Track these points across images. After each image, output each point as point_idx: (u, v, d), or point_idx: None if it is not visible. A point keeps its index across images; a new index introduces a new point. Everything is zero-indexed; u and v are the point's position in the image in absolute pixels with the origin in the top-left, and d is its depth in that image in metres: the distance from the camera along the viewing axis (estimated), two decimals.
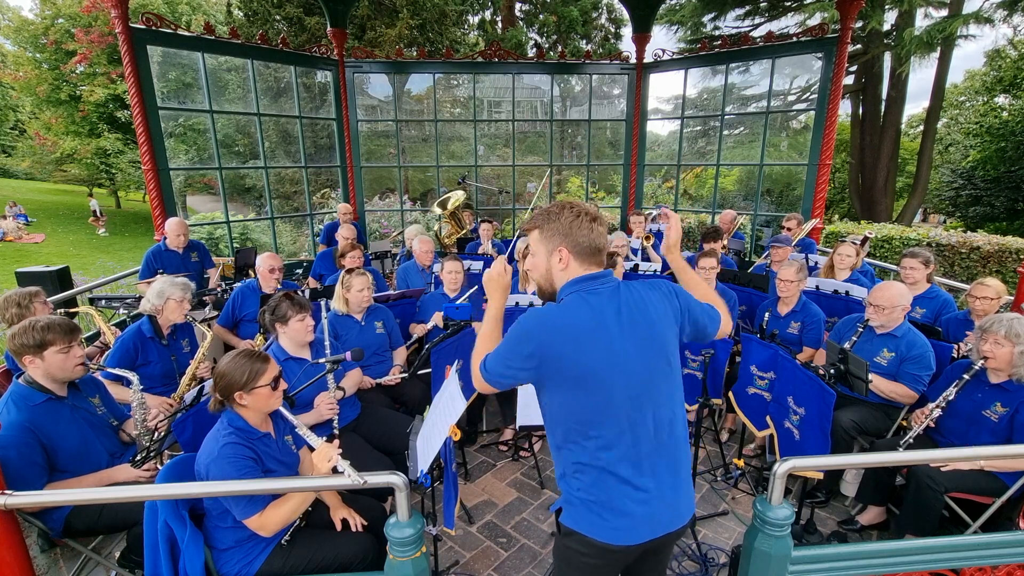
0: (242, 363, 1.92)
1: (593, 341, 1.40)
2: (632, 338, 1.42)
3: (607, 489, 1.43)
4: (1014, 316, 2.47)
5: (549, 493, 3.28)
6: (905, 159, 21.06)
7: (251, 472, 1.85)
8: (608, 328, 1.41)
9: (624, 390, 1.41)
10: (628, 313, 1.45)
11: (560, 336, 1.40)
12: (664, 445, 1.46)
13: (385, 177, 15.09)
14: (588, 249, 1.48)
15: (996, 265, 7.97)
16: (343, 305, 3.39)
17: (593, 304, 1.44)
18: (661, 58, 7.17)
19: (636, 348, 1.42)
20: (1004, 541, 1.96)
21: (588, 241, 1.47)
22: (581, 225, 1.48)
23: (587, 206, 1.51)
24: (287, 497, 1.88)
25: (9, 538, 1.81)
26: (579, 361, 1.39)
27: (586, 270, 1.50)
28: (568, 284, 1.50)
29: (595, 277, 1.49)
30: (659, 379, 1.45)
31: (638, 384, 1.42)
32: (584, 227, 1.47)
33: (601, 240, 1.49)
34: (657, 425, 1.45)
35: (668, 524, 1.47)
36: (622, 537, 1.44)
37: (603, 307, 1.44)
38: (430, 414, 2.18)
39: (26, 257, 14.72)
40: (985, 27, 11.63)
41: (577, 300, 1.46)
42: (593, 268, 1.50)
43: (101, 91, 18.24)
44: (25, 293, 3.00)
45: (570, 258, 1.49)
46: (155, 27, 5.15)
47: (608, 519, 1.44)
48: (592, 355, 1.39)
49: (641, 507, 1.43)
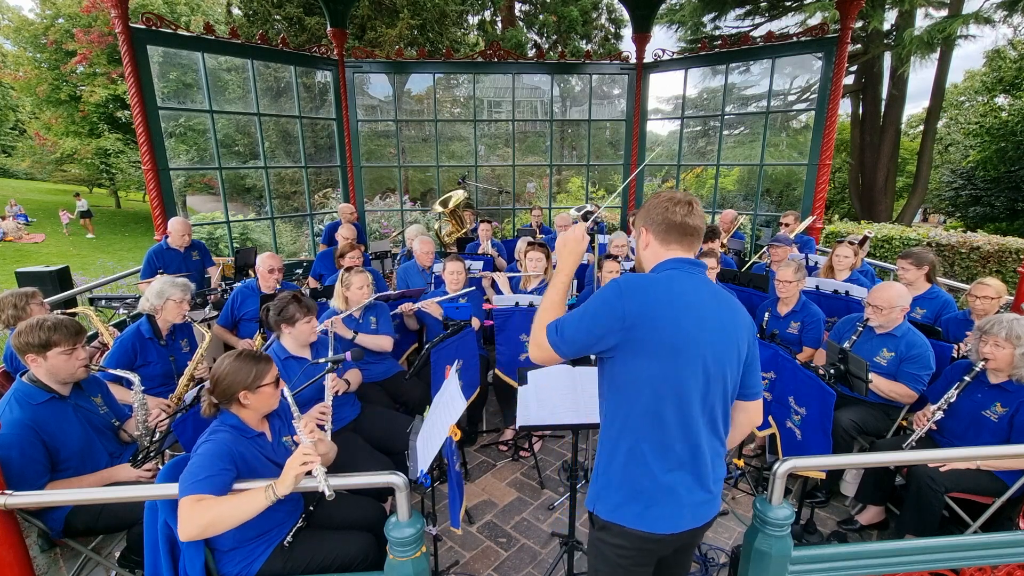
0: (247, 363, 1.93)
1: (690, 313, 1.40)
2: (720, 327, 1.43)
3: (661, 475, 1.43)
4: (1014, 317, 2.47)
5: (549, 493, 3.28)
6: (905, 159, 21.06)
7: (222, 466, 1.75)
8: (705, 306, 1.42)
9: (704, 373, 1.41)
10: (718, 304, 1.46)
11: (660, 300, 1.40)
12: (717, 437, 1.49)
13: (385, 177, 15.09)
14: (667, 227, 1.49)
15: (996, 265, 7.96)
16: (343, 303, 3.40)
17: (695, 281, 1.46)
18: (661, 58, 7.18)
19: (721, 337, 1.43)
20: (1004, 541, 1.96)
21: (663, 219, 1.48)
22: (659, 206, 1.50)
23: (678, 193, 1.52)
24: (238, 498, 1.72)
25: (9, 538, 1.81)
26: (678, 329, 1.38)
27: (673, 252, 1.51)
28: (665, 262, 1.51)
29: (694, 263, 1.51)
30: (728, 375, 1.46)
31: (716, 373, 1.42)
32: (662, 208, 1.49)
33: (690, 221, 1.48)
34: (714, 417, 1.47)
35: (706, 514, 1.50)
36: (668, 525, 1.44)
37: (702, 287, 1.46)
38: (430, 414, 2.18)
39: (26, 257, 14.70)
40: (985, 27, 11.63)
41: (677, 275, 1.46)
42: (680, 250, 1.51)
43: (101, 91, 18.23)
44: (21, 294, 2.99)
45: (651, 238, 1.53)
46: (155, 27, 5.15)
47: (654, 507, 1.43)
48: (688, 326, 1.38)
49: (689, 494, 1.45)
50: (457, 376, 2.17)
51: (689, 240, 1.51)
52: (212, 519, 1.65)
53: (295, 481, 1.70)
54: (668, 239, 1.50)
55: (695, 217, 1.50)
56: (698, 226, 1.51)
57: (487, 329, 4.08)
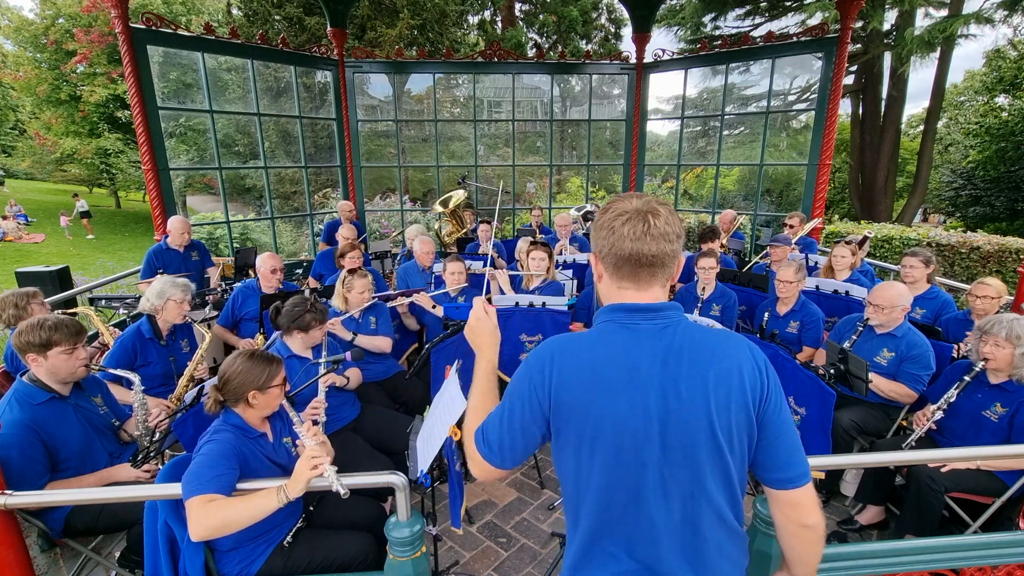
0: (259, 364, 1.95)
1: (614, 391, 1.05)
2: (676, 395, 1.04)
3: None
4: (1014, 317, 2.47)
5: (549, 493, 3.28)
6: (905, 159, 21.06)
7: (229, 465, 1.76)
8: (640, 378, 1.05)
9: (648, 467, 1.06)
10: (677, 364, 1.05)
11: (575, 374, 1.08)
12: (693, 546, 1.09)
13: (385, 177, 15.10)
14: (616, 259, 1.09)
15: (996, 265, 7.96)
16: (343, 304, 3.41)
17: (627, 341, 1.08)
18: (661, 58, 7.18)
19: (679, 410, 1.04)
20: (1004, 541, 1.96)
21: (610, 247, 1.08)
22: (605, 224, 1.09)
23: (632, 200, 1.10)
24: (250, 499, 1.72)
25: (9, 538, 1.81)
26: (592, 413, 1.06)
27: (624, 293, 1.12)
28: (603, 310, 1.15)
29: (636, 309, 1.09)
30: (700, 465, 1.06)
31: (669, 463, 1.06)
32: (607, 227, 1.09)
33: (643, 247, 1.06)
34: (687, 522, 1.08)
35: None
36: None
37: (641, 347, 1.07)
38: (430, 414, 2.18)
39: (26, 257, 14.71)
40: (985, 27, 11.63)
41: (610, 331, 1.11)
42: (630, 289, 1.11)
43: (101, 91, 18.23)
44: (22, 293, 3.00)
45: (602, 270, 1.14)
46: (155, 27, 5.15)
47: None
48: (611, 409, 1.05)
49: None
50: (457, 376, 2.17)
51: (645, 275, 1.09)
52: (224, 520, 1.65)
53: (307, 484, 1.72)
54: (620, 274, 1.10)
55: (652, 239, 1.05)
56: (656, 254, 1.06)
57: None
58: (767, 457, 1.11)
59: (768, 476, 1.12)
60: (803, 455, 1.11)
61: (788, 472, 1.10)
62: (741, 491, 1.12)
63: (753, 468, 1.15)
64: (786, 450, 1.10)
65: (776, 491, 1.13)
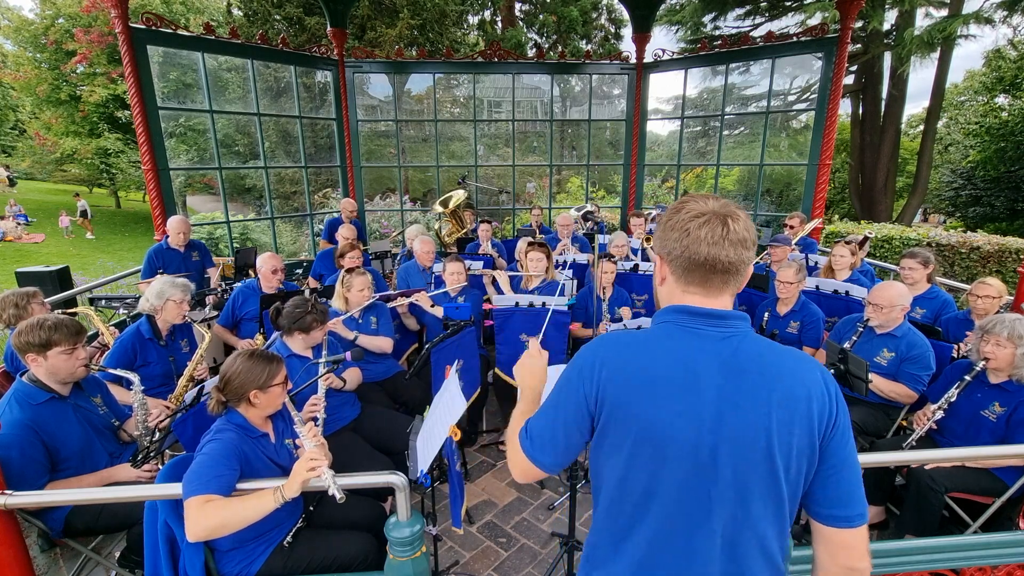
0: (260, 363, 1.95)
1: (667, 395, 0.99)
2: (733, 408, 0.97)
3: None
4: (1015, 317, 2.47)
5: (549, 493, 3.28)
6: (905, 159, 21.06)
7: (229, 466, 1.77)
8: (697, 384, 0.98)
9: (692, 481, 0.99)
10: (739, 376, 0.98)
11: (627, 372, 1.02)
12: (729, 574, 1.02)
13: (385, 177, 15.11)
14: (688, 264, 1.02)
15: (996, 265, 7.96)
16: (343, 304, 3.40)
17: (690, 345, 1.02)
18: (661, 58, 7.18)
19: (732, 430, 0.97)
20: (1004, 541, 1.96)
21: (683, 250, 1.02)
22: (679, 225, 1.03)
23: (708, 201, 1.03)
24: (247, 500, 1.72)
25: (9, 538, 1.81)
26: (640, 415, 1.00)
27: (691, 297, 1.05)
28: (664, 311, 1.09)
29: (701, 313, 1.03)
30: (750, 487, 0.98)
31: (716, 481, 0.98)
32: (681, 229, 1.02)
33: (719, 252, 0.99)
34: (727, 547, 1.01)
35: None
36: None
37: (702, 352, 1.00)
38: (430, 414, 2.18)
39: (26, 257, 14.71)
40: (985, 27, 11.64)
41: (669, 332, 1.05)
42: (698, 295, 1.05)
43: (101, 91, 18.23)
44: (23, 293, 3.00)
45: (667, 271, 1.08)
46: (155, 27, 5.15)
47: None
48: (662, 413, 0.98)
49: None
50: (457, 376, 2.17)
51: (717, 282, 1.02)
52: (221, 521, 1.66)
53: (303, 485, 1.72)
54: (689, 278, 1.04)
55: (730, 245, 0.99)
56: (733, 261, 1.00)
57: (487, 329, 4.08)
58: (825, 491, 1.02)
59: (823, 512, 1.03)
60: (863, 494, 1.03)
61: (847, 510, 1.01)
62: (789, 524, 1.04)
63: (806, 501, 1.06)
64: (847, 486, 1.01)
65: (827, 528, 1.03)
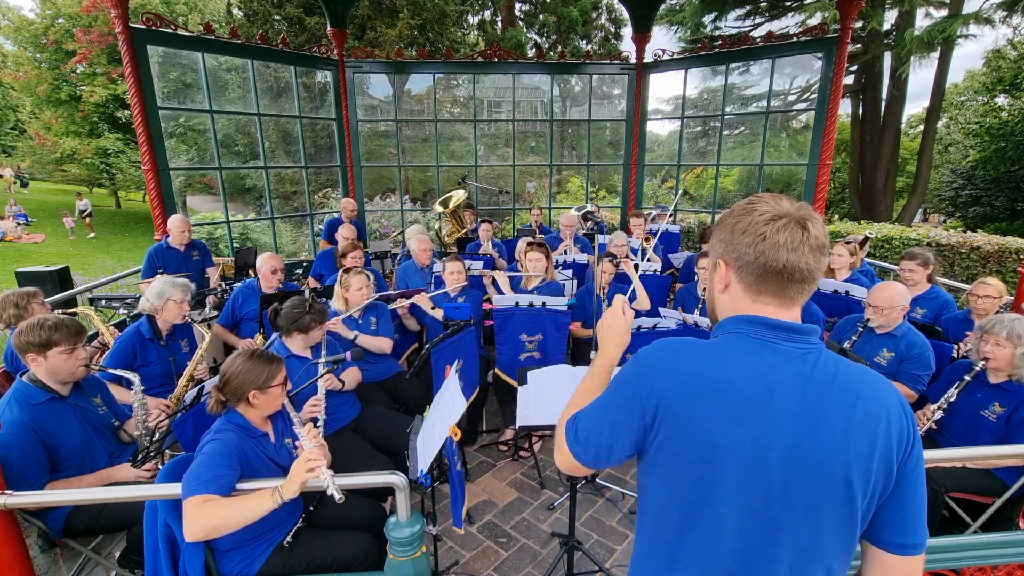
0: (259, 363, 1.95)
1: (737, 414, 0.90)
2: (809, 438, 0.89)
3: None
4: (1015, 317, 2.47)
5: (549, 493, 3.28)
6: (905, 159, 21.06)
7: (229, 466, 1.77)
8: (773, 403, 0.90)
9: (758, 508, 0.90)
10: (819, 397, 0.90)
11: (694, 384, 0.93)
12: None
13: (385, 177, 15.11)
14: (762, 271, 0.94)
15: (996, 265, 7.96)
16: (343, 305, 3.40)
17: (765, 360, 0.93)
18: (661, 58, 7.17)
19: (806, 457, 0.89)
20: (1004, 541, 1.96)
21: (757, 255, 0.93)
22: (751, 229, 0.94)
23: (783, 202, 0.95)
24: (245, 500, 1.72)
25: (9, 538, 1.81)
26: (705, 432, 0.91)
27: (763, 307, 0.97)
28: (733, 319, 1.00)
29: (778, 326, 0.95)
30: (824, 517, 0.91)
31: (787, 510, 0.90)
32: (756, 234, 0.93)
33: (799, 260, 0.91)
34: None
35: None
36: None
37: (780, 370, 0.92)
38: (430, 414, 2.18)
39: (26, 257, 14.71)
40: (985, 27, 11.64)
41: (740, 344, 0.96)
42: (771, 305, 0.96)
43: (101, 91, 18.22)
44: (23, 293, 3.00)
45: (732, 277, 1.00)
46: (155, 27, 5.14)
47: None
48: (731, 432, 0.90)
49: None
50: (457, 376, 2.17)
51: (793, 291, 0.95)
52: (219, 521, 1.66)
53: (302, 486, 1.72)
54: (763, 287, 0.95)
55: (810, 251, 0.91)
56: (813, 268, 0.92)
57: (487, 329, 4.08)
58: (894, 517, 0.95)
59: (887, 539, 0.96)
60: (926, 520, 0.98)
61: (914, 537, 0.95)
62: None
63: (871, 527, 0.98)
64: (916, 512, 0.96)
65: (889, 556, 0.96)
